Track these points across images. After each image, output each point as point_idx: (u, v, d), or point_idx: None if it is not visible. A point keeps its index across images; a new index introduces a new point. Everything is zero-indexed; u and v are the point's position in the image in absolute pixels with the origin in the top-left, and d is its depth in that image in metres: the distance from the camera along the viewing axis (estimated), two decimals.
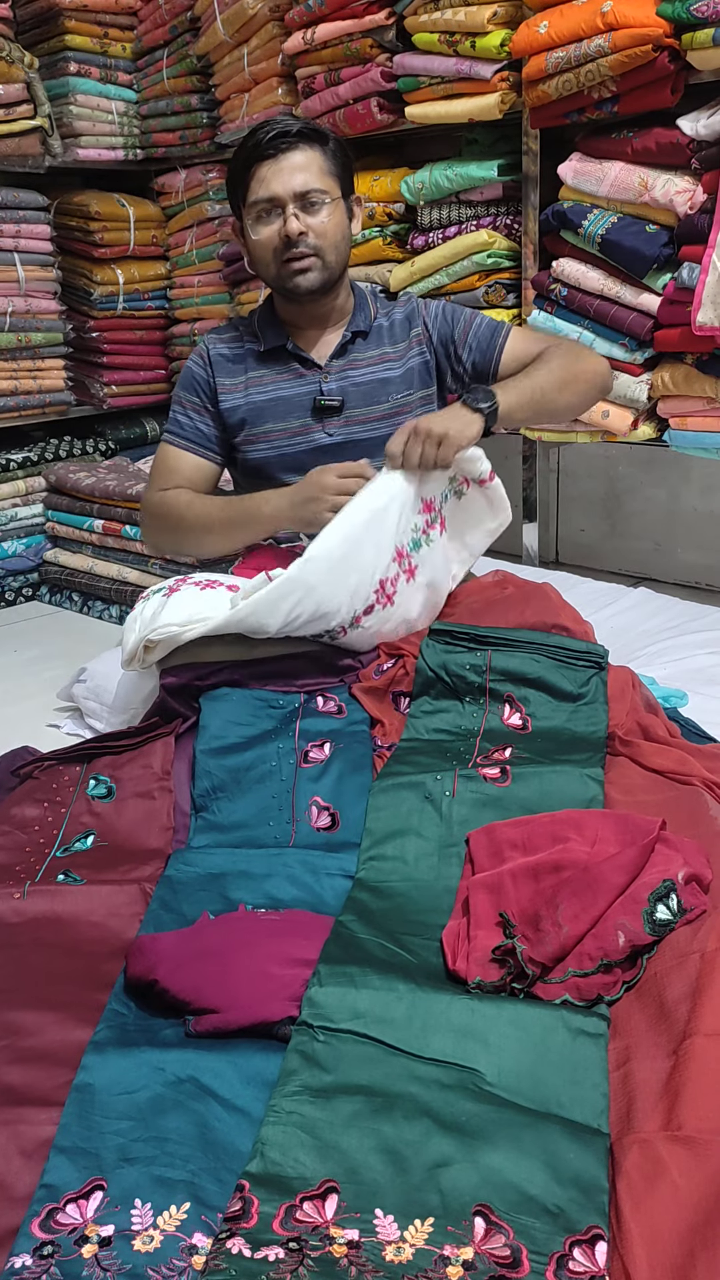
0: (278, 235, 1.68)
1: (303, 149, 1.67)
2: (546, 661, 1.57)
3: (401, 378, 1.79)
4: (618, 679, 1.58)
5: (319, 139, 1.69)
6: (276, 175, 1.66)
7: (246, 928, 1.18)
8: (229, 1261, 0.81)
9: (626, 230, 2.13)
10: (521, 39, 2.15)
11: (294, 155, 1.67)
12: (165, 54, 3.15)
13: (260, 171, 1.67)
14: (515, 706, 1.53)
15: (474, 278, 2.48)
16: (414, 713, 1.60)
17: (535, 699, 1.54)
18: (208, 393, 1.83)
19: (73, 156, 3.21)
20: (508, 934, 1.11)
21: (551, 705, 1.53)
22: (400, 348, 1.81)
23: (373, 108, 2.53)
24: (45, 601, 3.00)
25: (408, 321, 1.82)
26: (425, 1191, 0.87)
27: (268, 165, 1.67)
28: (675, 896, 1.11)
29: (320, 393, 1.78)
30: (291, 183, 1.66)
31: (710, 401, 2.13)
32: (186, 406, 1.84)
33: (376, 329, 1.82)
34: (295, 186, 1.66)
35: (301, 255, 1.69)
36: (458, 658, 1.61)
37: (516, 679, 1.55)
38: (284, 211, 1.68)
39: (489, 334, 1.81)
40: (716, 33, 1.90)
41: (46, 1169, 0.91)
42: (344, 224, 1.74)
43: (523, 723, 1.52)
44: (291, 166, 1.66)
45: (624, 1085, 0.96)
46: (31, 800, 1.53)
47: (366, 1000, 1.04)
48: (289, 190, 1.66)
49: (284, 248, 1.69)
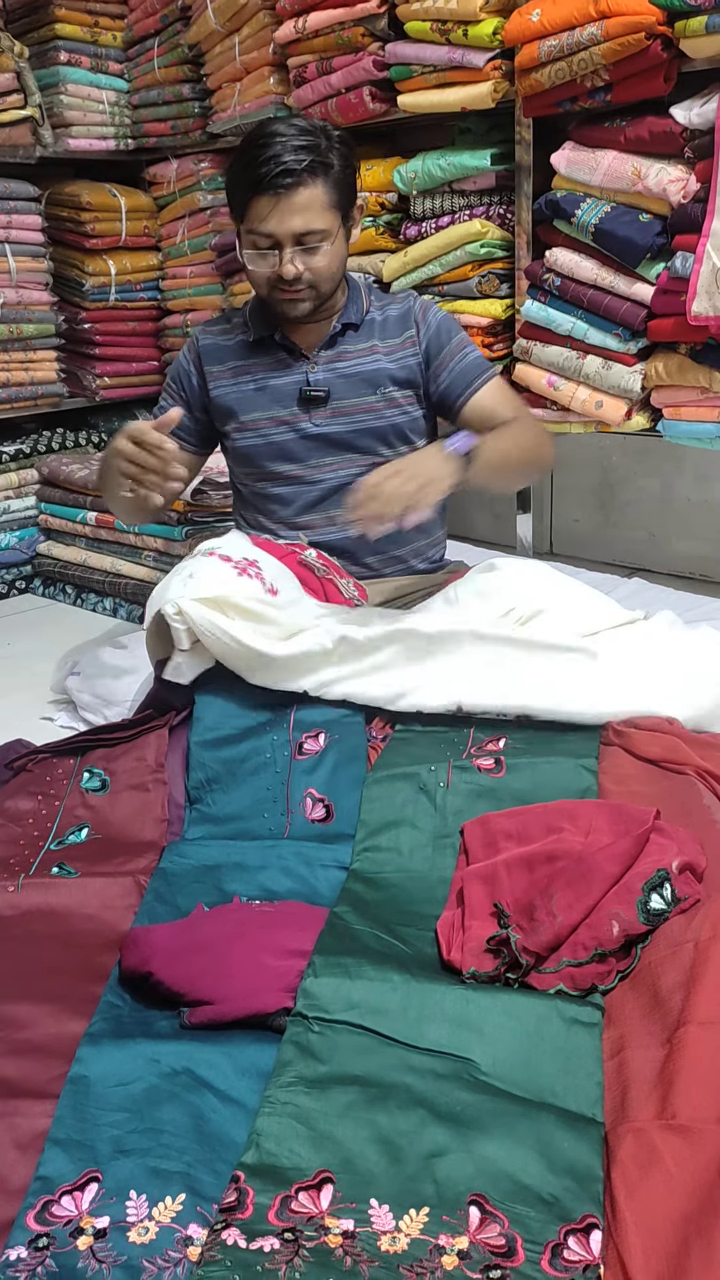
0: (272, 271, 1.66)
1: (308, 185, 1.60)
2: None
3: (390, 373, 1.79)
4: None
5: (323, 169, 1.61)
6: (275, 214, 1.60)
7: (241, 919, 1.18)
8: (224, 1252, 0.81)
9: (620, 219, 2.12)
10: (514, 27, 2.14)
11: (296, 195, 1.59)
12: (156, 43, 3.13)
13: (258, 207, 1.61)
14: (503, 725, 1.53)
15: (467, 268, 2.47)
16: None
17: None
18: (189, 385, 1.85)
19: (64, 146, 3.19)
20: (502, 924, 1.12)
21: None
22: (392, 343, 1.80)
23: (365, 97, 2.51)
24: (38, 594, 2.99)
25: (403, 320, 1.82)
26: (420, 1181, 0.87)
27: (266, 201, 1.60)
28: (669, 886, 1.12)
29: (307, 383, 1.78)
30: (291, 224, 1.61)
31: (704, 391, 2.13)
32: (169, 394, 1.88)
33: (369, 322, 1.81)
34: (295, 228, 1.61)
35: (297, 291, 1.68)
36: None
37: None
38: (281, 252, 1.63)
39: (473, 371, 1.79)
40: (709, 20, 1.89)
41: (41, 1161, 0.91)
42: (342, 252, 1.71)
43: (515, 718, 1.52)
44: (292, 207, 1.60)
45: (618, 1074, 0.96)
46: (25, 793, 1.53)
47: (361, 991, 1.04)
48: (288, 232, 1.61)
49: (278, 281, 1.67)
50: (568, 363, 2.31)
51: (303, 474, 1.82)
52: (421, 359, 1.80)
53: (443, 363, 1.79)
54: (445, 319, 1.84)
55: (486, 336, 2.49)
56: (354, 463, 1.81)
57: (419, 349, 1.80)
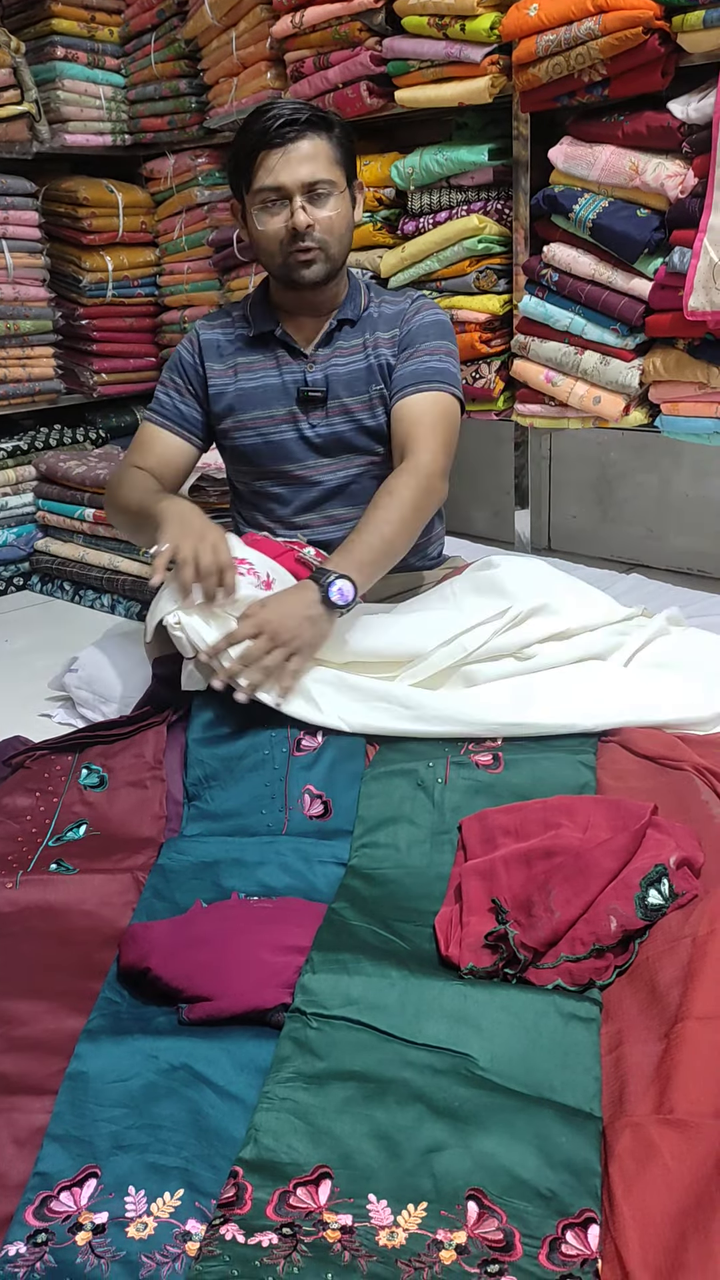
0: (284, 227, 1.66)
1: (310, 137, 1.63)
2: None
3: (381, 369, 1.77)
4: None
5: (325, 126, 1.65)
6: (284, 165, 1.62)
7: (239, 915, 1.18)
8: (223, 1248, 0.81)
9: (617, 215, 2.12)
10: (511, 22, 2.14)
11: (302, 144, 1.62)
12: (153, 38, 3.13)
13: (267, 160, 1.63)
14: None
15: (465, 263, 2.47)
16: None
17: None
18: (193, 377, 1.82)
19: (60, 142, 3.18)
20: (500, 920, 1.12)
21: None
22: (383, 338, 1.79)
23: (362, 92, 2.51)
24: (36, 591, 2.99)
25: (396, 317, 1.81)
26: (418, 1176, 0.87)
27: (275, 154, 1.62)
28: (667, 881, 1.12)
29: (305, 382, 1.77)
30: (299, 173, 1.62)
31: (701, 387, 2.13)
32: (169, 387, 1.85)
33: (366, 318, 1.81)
34: (303, 177, 1.62)
35: (308, 248, 1.67)
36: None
37: None
38: (291, 203, 1.64)
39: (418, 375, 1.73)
40: (707, 15, 1.89)
41: (40, 1157, 0.91)
42: (349, 213, 1.71)
43: None
44: (299, 156, 1.62)
45: (616, 1069, 0.97)
46: (23, 790, 1.53)
47: (359, 987, 1.04)
48: (297, 181, 1.62)
49: (290, 239, 1.66)
50: (565, 358, 2.31)
51: (301, 474, 1.81)
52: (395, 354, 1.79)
53: (406, 357, 1.76)
54: (434, 323, 1.79)
55: (484, 332, 2.48)
56: (352, 462, 1.80)
57: (396, 345, 1.79)
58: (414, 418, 1.72)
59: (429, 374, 1.74)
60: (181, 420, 1.83)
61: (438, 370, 1.75)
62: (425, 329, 1.78)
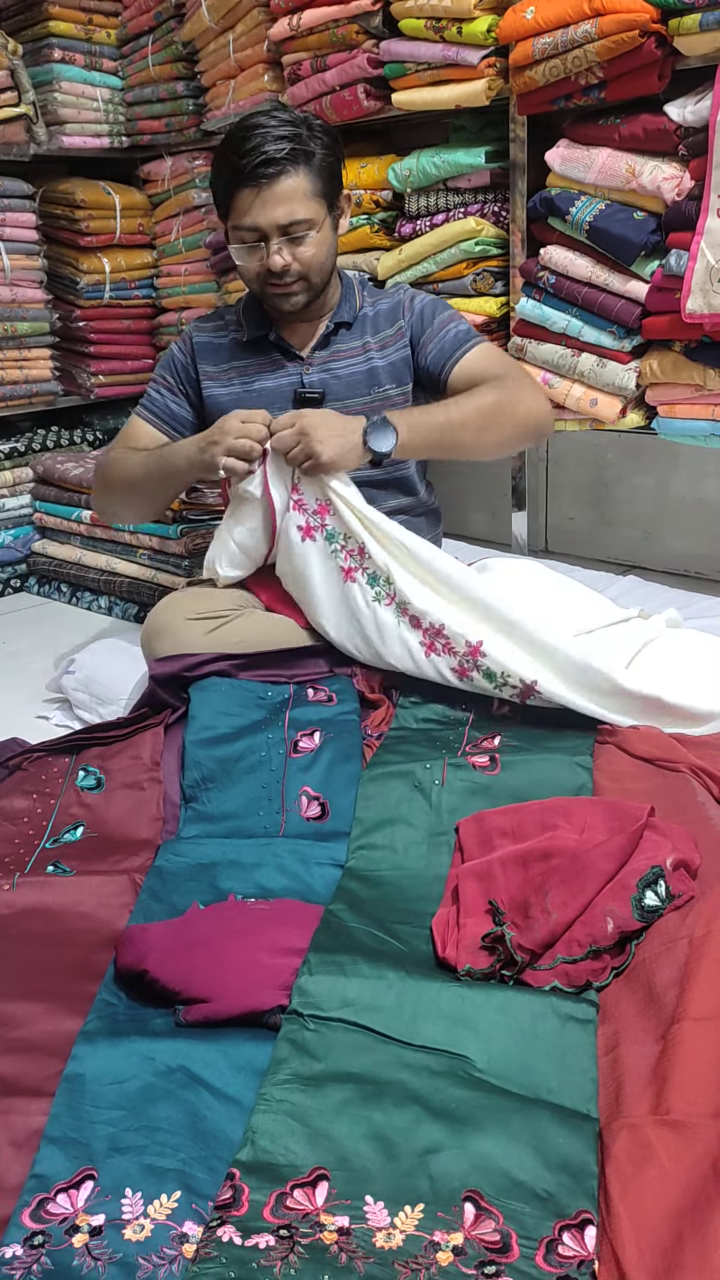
0: (260, 265, 1.66)
1: (289, 174, 1.59)
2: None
3: (385, 370, 1.78)
4: None
5: (305, 157, 1.61)
6: (260, 206, 1.60)
7: (236, 917, 1.18)
8: (220, 1249, 0.81)
9: (614, 217, 2.12)
10: (508, 25, 2.14)
11: (279, 184, 1.59)
12: (150, 40, 3.13)
13: (242, 199, 1.61)
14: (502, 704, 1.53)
15: (462, 265, 2.47)
16: (402, 703, 1.60)
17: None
18: (185, 377, 1.83)
19: (57, 144, 3.18)
20: (497, 921, 1.12)
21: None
22: (383, 338, 1.79)
23: (359, 94, 2.51)
24: (33, 593, 2.99)
25: (393, 313, 1.81)
26: (415, 1178, 0.87)
27: (250, 193, 1.60)
28: (663, 883, 1.12)
29: (301, 384, 1.77)
30: (274, 215, 1.60)
31: (698, 389, 2.13)
32: (161, 384, 1.86)
33: (361, 319, 1.81)
34: (279, 219, 1.61)
35: (287, 284, 1.67)
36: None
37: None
38: (267, 245, 1.63)
39: (453, 343, 1.77)
40: (703, 18, 1.89)
41: (37, 1159, 0.91)
42: (330, 240, 1.70)
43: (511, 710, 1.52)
44: (275, 197, 1.59)
45: (613, 1070, 0.97)
46: (20, 792, 1.53)
47: (356, 988, 1.04)
48: (272, 223, 1.61)
49: (267, 276, 1.67)
50: (562, 360, 2.31)
51: None
52: (409, 343, 1.80)
53: (428, 339, 1.78)
54: (431, 301, 1.83)
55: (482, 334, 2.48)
56: None
57: (406, 336, 1.79)
58: (477, 371, 1.75)
59: (464, 336, 1.78)
60: (170, 418, 1.84)
61: (465, 332, 1.79)
62: (429, 308, 1.81)
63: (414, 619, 1.57)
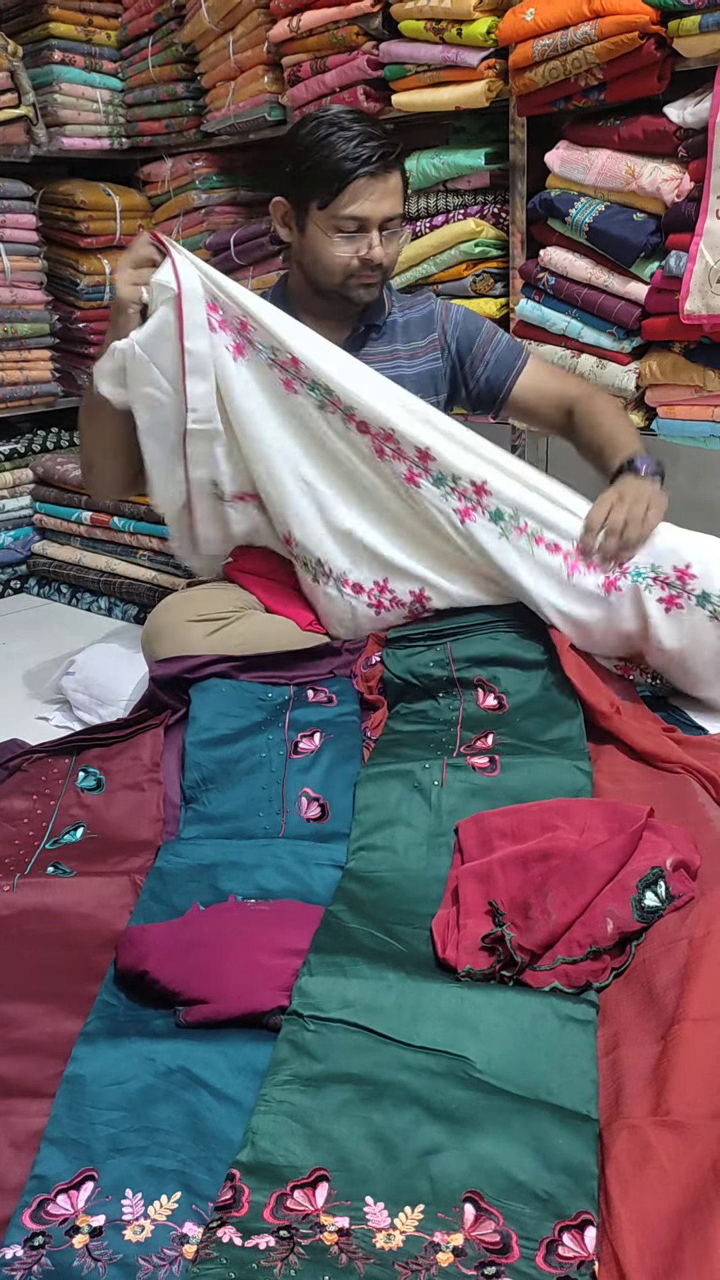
0: (357, 256, 1.67)
1: (395, 169, 1.64)
2: (506, 636, 1.59)
3: (413, 379, 1.78)
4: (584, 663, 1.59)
5: (400, 155, 1.66)
6: (372, 197, 1.62)
7: (236, 918, 1.18)
8: (220, 1250, 0.81)
9: (614, 218, 2.13)
10: (508, 26, 2.15)
11: (391, 177, 1.63)
12: (150, 42, 3.13)
13: (357, 187, 1.62)
14: (487, 689, 1.54)
15: (461, 267, 2.47)
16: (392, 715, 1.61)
17: (505, 675, 1.55)
18: None
19: (58, 145, 3.18)
20: (497, 922, 1.12)
21: (522, 677, 1.55)
22: (415, 347, 1.79)
23: (359, 96, 2.51)
24: (33, 594, 2.99)
25: (426, 322, 1.81)
26: (415, 1179, 0.87)
27: (366, 182, 1.62)
28: (663, 883, 1.12)
29: None
30: (382, 207, 1.64)
31: (698, 390, 2.13)
32: None
33: (390, 324, 1.81)
34: (385, 212, 1.64)
35: (372, 278, 1.69)
36: (420, 658, 1.63)
37: (481, 661, 1.57)
38: (369, 235, 1.65)
39: (509, 355, 1.81)
40: (703, 20, 1.89)
41: (37, 1160, 0.91)
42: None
43: (498, 702, 1.52)
44: (386, 190, 1.63)
45: (613, 1071, 0.97)
46: (20, 793, 1.53)
47: (356, 989, 1.04)
48: (381, 215, 1.64)
49: (360, 267, 1.68)
50: (562, 362, 2.31)
51: None
52: (452, 359, 1.81)
53: (478, 355, 1.79)
54: (468, 314, 1.85)
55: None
56: None
57: (446, 351, 1.80)
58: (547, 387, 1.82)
59: (511, 351, 1.82)
60: None
61: (512, 345, 1.83)
62: (469, 322, 1.83)
63: (361, 424, 1.60)
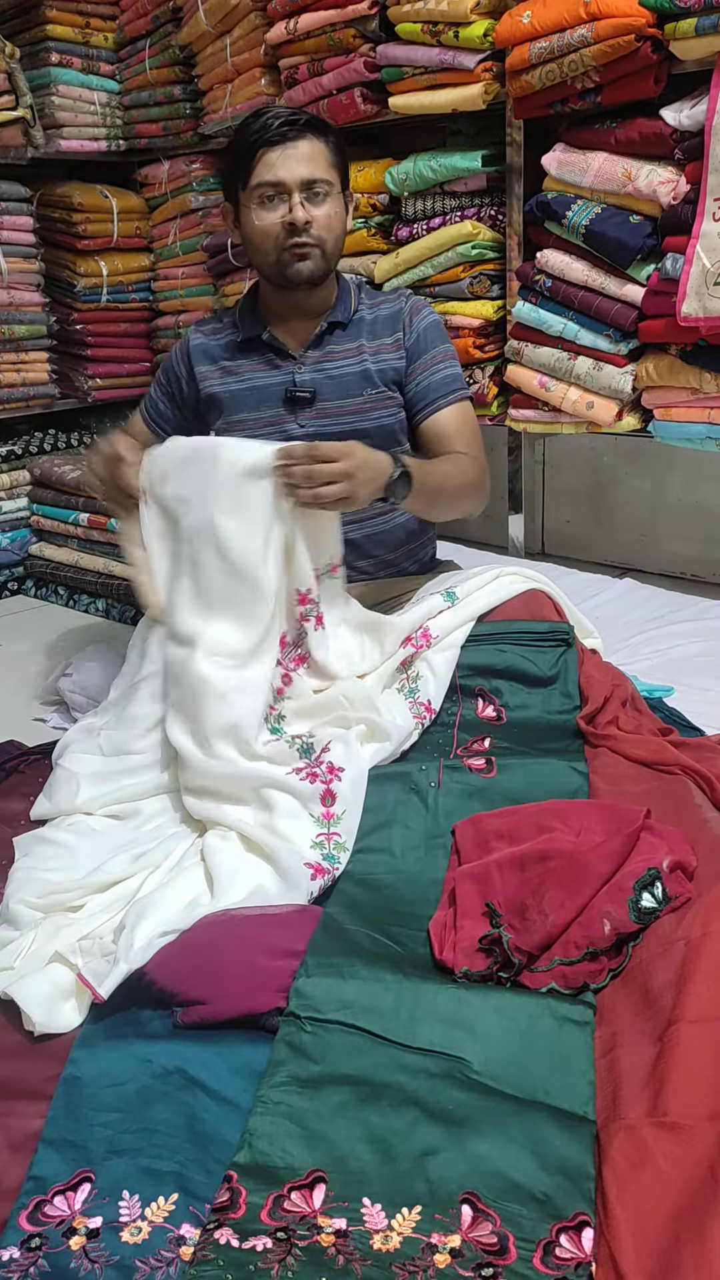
0: (281, 223, 1.68)
1: (309, 138, 1.67)
2: (513, 650, 1.57)
3: (378, 374, 1.78)
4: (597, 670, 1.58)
5: (322, 130, 1.69)
6: (284, 161, 1.65)
7: (234, 919, 1.18)
8: (217, 1252, 0.81)
9: (610, 221, 2.13)
10: (504, 29, 2.15)
11: (301, 144, 1.66)
12: (147, 44, 3.13)
13: (266, 156, 1.66)
14: (488, 699, 1.54)
15: (458, 269, 2.48)
16: None
17: (507, 689, 1.54)
18: (173, 380, 1.88)
19: (55, 147, 3.18)
20: (494, 924, 1.12)
21: (524, 693, 1.54)
22: (380, 343, 1.79)
23: (356, 98, 2.52)
24: (31, 595, 2.99)
25: (393, 320, 1.81)
26: (412, 1180, 0.87)
27: (275, 151, 1.66)
28: (660, 884, 1.12)
29: (293, 383, 1.78)
30: (298, 170, 1.66)
31: (694, 392, 2.14)
32: (158, 385, 1.93)
33: (357, 321, 1.81)
34: (302, 175, 1.66)
35: (304, 244, 1.69)
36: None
37: (485, 671, 1.55)
38: (289, 199, 1.67)
39: (440, 389, 1.77)
40: (699, 22, 1.90)
41: (34, 1161, 0.91)
42: (343, 216, 1.74)
43: (497, 714, 1.52)
44: (299, 155, 1.66)
45: (610, 1072, 0.97)
46: (17, 794, 1.53)
47: (354, 991, 1.04)
48: (296, 178, 1.66)
49: (287, 235, 1.68)
50: (559, 364, 2.32)
51: None
52: (404, 362, 1.80)
53: (415, 371, 1.78)
54: (432, 326, 1.81)
55: (478, 338, 2.49)
56: None
57: (403, 350, 1.80)
58: (450, 433, 1.77)
59: (449, 382, 1.78)
60: (158, 416, 1.91)
61: (453, 378, 1.80)
62: (428, 335, 1.80)
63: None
